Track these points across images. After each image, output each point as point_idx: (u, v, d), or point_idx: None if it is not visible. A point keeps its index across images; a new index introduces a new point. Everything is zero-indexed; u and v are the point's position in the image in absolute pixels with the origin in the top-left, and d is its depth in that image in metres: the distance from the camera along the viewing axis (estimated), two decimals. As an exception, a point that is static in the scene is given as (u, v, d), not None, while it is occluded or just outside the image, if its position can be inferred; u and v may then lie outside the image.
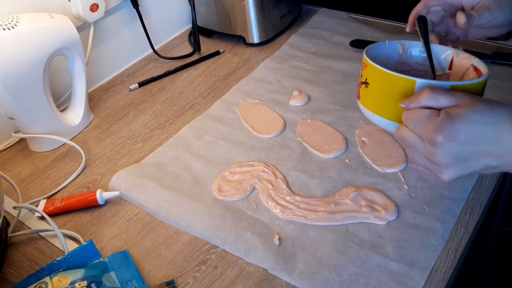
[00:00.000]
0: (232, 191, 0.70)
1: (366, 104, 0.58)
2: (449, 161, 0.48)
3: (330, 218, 0.64)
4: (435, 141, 0.48)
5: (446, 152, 0.48)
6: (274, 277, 0.59)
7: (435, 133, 0.48)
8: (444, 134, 0.47)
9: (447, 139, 0.47)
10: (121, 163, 0.79)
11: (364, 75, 0.57)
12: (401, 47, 0.64)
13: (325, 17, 1.10)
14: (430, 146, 0.49)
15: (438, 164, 0.49)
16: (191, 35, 1.11)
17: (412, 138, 0.51)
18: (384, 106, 0.55)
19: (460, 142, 0.47)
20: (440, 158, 0.48)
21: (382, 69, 0.54)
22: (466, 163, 0.48)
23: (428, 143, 0.49)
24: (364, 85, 0.57)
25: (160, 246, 0.65)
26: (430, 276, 0.57)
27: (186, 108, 0.90)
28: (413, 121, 0.50)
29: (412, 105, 0.51)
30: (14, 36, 0.72)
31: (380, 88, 0.55)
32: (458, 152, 0.48)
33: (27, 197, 0.75)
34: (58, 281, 0.57)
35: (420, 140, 0.50)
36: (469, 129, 0.47)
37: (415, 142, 0.50)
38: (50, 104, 0.81)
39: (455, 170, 0.49)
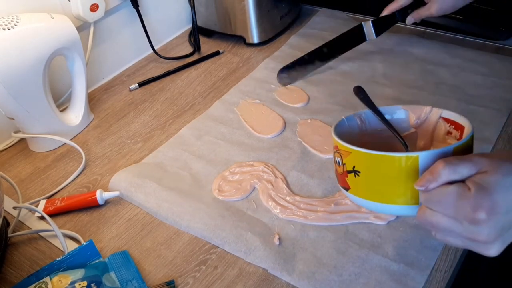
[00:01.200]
0: (232, 191, 0.70)
1: (362, 194, 0.51)
2: (496, 235, 0.44)
3: (330, 218, 0.64)
4: (477, 219, 0.43)
5: (491, 228, 0.43)
6: (274, 277, 0.59)
7: (476, 211, 0.43)
8: (485, 210, 0.43)
9: (490, 215, 0.43)
10: (121, 163, 0.79)
11: (348, 163, 0.50)
12: (358, 119, 0.61)
13: (325, 17, 1.10)
14: (472, 226, 0.43)
15: (484, 241, 0.44)
16: (191, 35, 1.11)
17: (444, 222, 0.45)
18: (389, 191, 0.49)
19: (503, 213, 0.43)
20: (486, 235, 0.43)
21: (374, 152, 0.48)
22: (510, 230, 0.44)
23: (468, 223, 0.43)
24: (352, 174, 0.50)
25: (160, 246, 0.65)
26: (430, 276, 0.57)
27: (186, 108, 0.90)
28: (441, 203, 0.45)
29: (432, 185, 0.45)
30: (14, 36, 0.72)
31: (378, 174, 0.48)
32: (502, 223, 0.43)
33: (27, 197, 0.75)
34: (58, 281, 0.57)
35: (455, 221, 0.44)
36: (506, 195, 0.43)
37: (450, 225, 0.45)
38: (50, 104, 0.81)
39: (502, 242, 0.44)
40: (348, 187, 0.52)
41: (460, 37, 0.97)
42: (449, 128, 0.56)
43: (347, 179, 0.51)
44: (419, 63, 0.91)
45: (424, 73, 0.89)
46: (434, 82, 0.86)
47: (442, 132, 0.57)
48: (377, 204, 0.50)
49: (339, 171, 0.53)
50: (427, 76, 0.88)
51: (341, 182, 0.53)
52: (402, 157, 0.47)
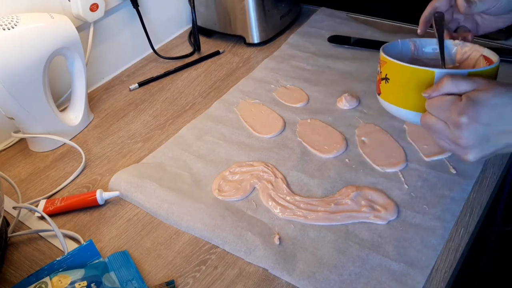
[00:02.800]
0: (232, 191, 0.70)
1: (388, 98, 0.61)
2: (474, 142, 0.51)
3: (330, 218, 0.64)
4: (459, 123, 0.51)
5: (470, 134, 0.51)
6: (274, 277, 0.59)
7: (459, 116, 0.51)
8: (468, 116, 0.50)
9: (471, 121, 0.50)
10: (121, 163, 0.79)
11: (383, 71, 0.60)
12: (412, 45, 0.68)
13: (324, 16, 1.10)
14: (455, 129, 0.51)
15: (463, 145, 0.52)
16: (191, 35, 1.11)
17: (438, 124, 0.53)
18: (406, 98, 0.58)
19: (483, 123, 0.50)
20: (465, 139, 0.51)
21: (401, 63, 0.57)
22: (488, 142, 0.51)
23: (453, 126, 0.51)
24: (384, 81, 0.60)
25: (160, 246, 0.65)
26: (430, 276, 0.57)
27: (186, 108, 0.90)
28: (437, 108, 0.53)
29: (434, 93, 0.54)
30: (14, 36, 0.72)
31: (401, 82, 0.58)
32: (481, 132, 0.50)
33: (27, 197, 0.75)
34: (58, 281, 0.57)
35: (445, 125, 0.53)
36: (490, 110, 0.50)
37: (441, 128, 0.53)
38: (50, 104, 0.81)
39: (479, 150, 0.52)
40: (380, 92, 0.62)
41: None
42: (485, 64, 0.62)
43: (381, 85, 0.61)
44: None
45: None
46: (434, 82, 0.86)
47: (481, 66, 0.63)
48: (397, 108, 0.60)
49: (377, 79, 0.63)
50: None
51: (377, 88, 0.63)
52: (422, 70, 0.56)
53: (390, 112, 0.62)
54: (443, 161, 0.70)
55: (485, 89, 0.51)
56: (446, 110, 0.52)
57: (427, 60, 0.68)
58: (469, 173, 0.68)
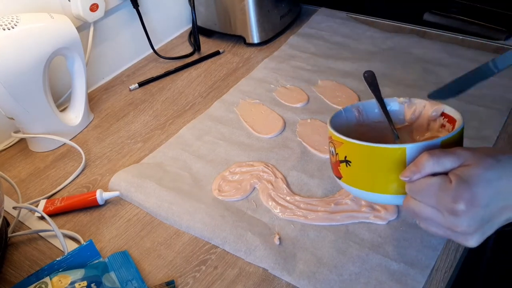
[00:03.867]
0: (232, 191, 0.70)
1: (354, 184, 0.52)
2: (475, 227, 0.45)
3: (330, 218, 0.64)
4: (456, 210, 0.44)
5: (470, 220, 0.45)
6: (274, 277, 0.59)
7: (455, 203, 0.44)
8: (465, 202, 0.44)
9: (469, 206, 0.44)
10: (121, 163, 0.79)
11: (340, 152, 0.52)
12: (356, 111, 0.61)
13: (324, 16, 1.10)
14: (451, 216, 0.45)
15: (463, 233, 0.45)
16: (191, 35, 1.11)
17: (427, 212, 0.47)
18: (377, 181, 0.50)
19: (482, 205, 0.44)
20: (465, 227, 0.45)
21: (363, 143, 0.49)
22: (489, 223, 0.45)
23: (448, 213, 0.45)
24: (344, 164, 0.52)
25: (160, 246, 0.65)
26: (430, 276, 0.57)
27: (186, 108, 0.90)
28: (422, 193, 0.46)
29: (415, 176, 0.47)
30: (14, 36, 0.72)
31: (367, 164, 0.50)
32: (482, 216, 0.45)
33: (27, 197, 0.75)
34: (58, 281, 0.57)
35: (437, 211, 0.46)
36: (486, 189, 0.44)
37: (432, 215, 0.46)
38: (50, 104, 0.81)
39: (481, 233, 0.46)
40: (340, 176, 0.54)
41: (460, 37, 0.97)
42: (443, 122, 0.57)
43: (340, 168, 0.53)
44: (419, 63, 0.91)
45: (424, 73, 0.89)
46: (434, 82, 0.86)
47: (437, 125, 0.58)
48: (368, 193, 0.52)
49: (332, 161, 0.54)
50: (427, 76, 0.88)
51: (335, 171, 0.55)
52: (390, 149, 0.48)
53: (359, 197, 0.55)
54: (443, 161, 0.70)
55: (473, 164, 0.45)
56: (435, 196, 0.45)
57: (374, 124, 0.61)
58: (469, 173, 0.68)
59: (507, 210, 0.45)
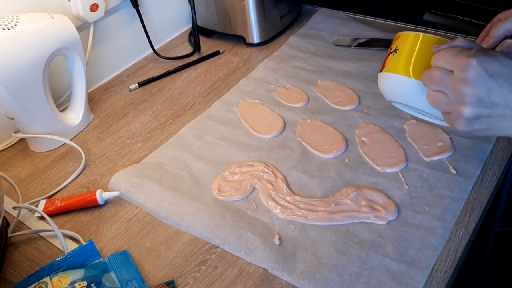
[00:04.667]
0: (232, 191, 0.70)
1: (391, 69, 0.57)
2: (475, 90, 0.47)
3: (330, 218, 0.64)
4: (468, 64, 0.47)
5: (475, 79, 0.47)
6: (274, 277, 0.59)
7: (469, 58, 0.47)
8: (478, 59, 0.46)
9: (479, 65, 0.46)
10: (121, 163, 0.79)
11: (394, 46, 0.58)
12: None
13: (324, 17, 1.10)
14: (460, 72, 0.47)
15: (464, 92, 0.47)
16: (191, 35, 1.11)
17: (440, 72, 0.49)
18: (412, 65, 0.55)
19: (489, 74, 0.46)
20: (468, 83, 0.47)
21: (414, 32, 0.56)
22: (488, 98, 0.47)
23: (459, 69, 0.47)
24: (392, 53, 0.58)
25: (160, 246, 0.65)
26: (430, 276, 0.57)
27: (186, 108, 0.90)
28: (444, 57, 0.49)
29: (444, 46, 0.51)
30: (14, 36, 0.72)
31: (410, 49, 0.56)
32: (485, 82, 0.47)
33: (27, 197, 0.75)
34: (58, 281, 0.57)
35: (449, 72, 0.49)
36: (500, 65, 0.47)
37: (444, 75, 0.49)
38: (50, 104, 0.81)
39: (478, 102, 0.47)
40: (383, 67, 0.59)
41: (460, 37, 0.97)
42: None
43: (387, 60, 0.59)
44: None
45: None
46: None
47: None
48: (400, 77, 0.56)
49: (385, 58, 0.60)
50: None
51: (382, 66, 0.60)
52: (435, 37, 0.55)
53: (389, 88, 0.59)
54: (443, 161, 0.70)
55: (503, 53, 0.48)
56: (454, 57, 0.48)
57: None
58: (469, 173, 0.68)
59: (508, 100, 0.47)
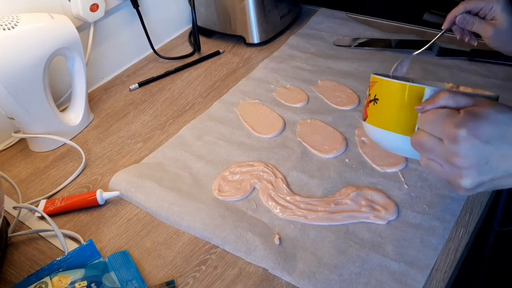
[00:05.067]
0: (232, 191, 0.70)
1: (375, 122, 0.55)
2: (471, 162, 0.45)
3: (330, 218, 0.64)
4: (457, 136, 0.44)
5: (468, 150, 0.44)
6: (274, 277, 0.59)
7: (457, 128, 0.44)
8: (467, 129, 0.44)
9: (470, 135, 0.44)
10: (121, 163, 0.79)
11: (372, 93, 0.55)
12: None
13: (324, 17, 1.10)
14: (451, 144, 0.45)
15: (459, 165, 0.45)
16: (191, 35, 1.11)
17: (430, 141, 0.47)
18: (396, 119, 0.52)
19: (483, 140, 0.44)
20: (462, 157, 0.45)
21: (393, 80, 0.52)
22: (486, 165, 0.45)
23: (449, 141, 0.45)
24: (372, 102, 0.55)
25: (160, 246, 0.65)
26: (430, 276, 0.57)
27: (186, 108, 0.90)
28: (430, 122, 0.47)
29: (428, 106, 0.48)
30: (14, 36, 0.72)
31: (391, 101, 0.52)
32: (480, 151, 0.44)
33: (27, 197, 0.75)
34: (58, 281, 0.57)
35: (439, 141, 0.46)
36: (492, 127, 0.44)
37: (434, 144, 0.47)
38: (50, 104, 0.81)
39: (476, 172, 0.45)
40: (366, 116, 0.56)
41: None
42: None
43: (368, 108, 0.56)
44: (419, 63, 0.91)
45: (424, 73, 0.89)
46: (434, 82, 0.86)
47: None
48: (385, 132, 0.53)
49: (365, 104, 0.57)
50: (427, 76, 0.88)
51: (363, 114, 0.57)
52: (416, 87, 0.51)
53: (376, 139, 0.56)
54: (443, 161, 0.70)
55: (487, 105, 0.45)
56: (441, 124, 0.46)
57: None
58: (469, 173, 0.68)
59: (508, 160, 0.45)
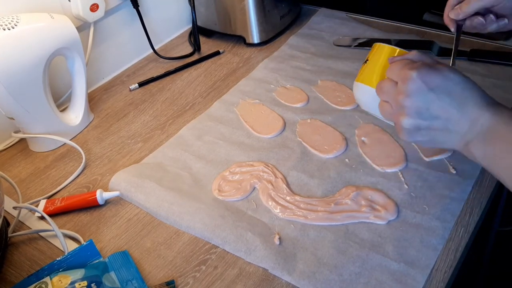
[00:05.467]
0: (232, 191, 0.70)
1: (360, 78, 0.61)
2: (413, 102, 0.50)
3: (330, 218, 0.64)
4: (407, 77, 0.50)
5: (414, 91, 0.49)
6: (274, 277, 0.59)
7: (410, 70, 0.50)
8: (418, 72, 0.49)
9: (418, 79, 0.49)
10: (121, 163, 0.79)
11: (367, 57, 0.61)
12: None
13: (324, 17, 1.10)
14: (401, 85, 0.50)
15: (403, 103, 0.50)
16: (191, 35, 1.11)
17: (388, 83, 0.53)
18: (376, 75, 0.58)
19: (429, 87, 0.49)
20: (407, 96, 0.50)
21: (383, 44, 0.59)
22: (428, 111, 0.50)
23: (401, 81, 0.50)
24: (364, 63, 0.61)
25: (160, 246, 0.65)
26: (430, 276, 0.57)
27: (186, 108, 0.90)
28: (393, 69, 0.53)
29: (397, 58, 0.54)
30: (14, 36, 0.72)
31: (377, 60, 0.59)
32: (424, 95, 0.49)
33: (27, 197, 0.75)
34: (58, 281, 0.57)
35: (394, 84, 0.52)
36: (441, 80, 0.49)
37: (389, 86, 0.53)
38: (50, 104, 0.81)
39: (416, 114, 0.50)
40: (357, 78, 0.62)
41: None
42: None
43: (360, 70, 0.62)
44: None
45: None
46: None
47: None
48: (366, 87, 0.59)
49: None
50: None
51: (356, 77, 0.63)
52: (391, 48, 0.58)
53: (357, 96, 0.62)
54: (443, 161, 0.70)
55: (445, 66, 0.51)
56: (400, 69, 0.51)
57: None
58: (469, 173, 0.68)
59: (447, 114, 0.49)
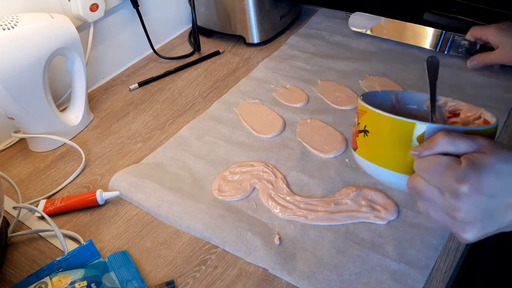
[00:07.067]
0: (232, 191, 0.70)
1: (366, 155, 0.51)
2: (475, 217, 0.42)
3: (330, 218, 0.64)
4: (458, 193, 0.41)
5: (471, 206, 0.41)
6: (274, 277, 0.59)
7: (459, 184, 0.41)
8: (469, 185, 0.41)
9: (472, 191, 0.41)
10: (121, 163, 0.79)
11: (361, 122, 0.51)
12: (394, 97, 0.60)
13: (324, 17, 1.10)
14: (452, 199, 0.42)
15: (461, 220, 0.42)
16: (191, 35, 1.11)
17: (429, 190, 0.44)
18: (389, 155, 0.49)
19: (487, 195, 0.41)
20: (465, 213, 0.42)
21: (386, 114, 0.48)
22: (492, 219, 0.42)
23: (450, 195, 0.42)
24: (362, 133, 0.51)
25: (160, 246, 0.65)
26: (430, 276, 0.57)
27: (186, 108, 0.90)
28: (429, 170, 0.43)
29: (426, 152, 0.44)
30: (14, 36, 0.72)
31: (384, 136, 0.49)
32: (484, 206, 0.42)
33: (27, 197, 0.75)
34: (58, 281, 0.57)
35: (438, 192, 0.43)
36: (496, 179, 0.41)
37: (433, 195, 0.43)
38: (50, 104, 0.81)
39: (480, 227, 0.42)
40: (356, 147, 0.52)
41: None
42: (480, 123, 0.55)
43: (358, 138, 0.52)
44: (419, 63, 0.91)
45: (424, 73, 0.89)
46: (434, 82, 0.86)
47: None
48: (378, 168, 0.50)
49: (353, 131, 0.53)
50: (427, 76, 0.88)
51: (353, 143, 0.54)
52: (410, 123, 0.46)
53: (369, 172, 0.52)
54: (443, 161, 0.70)
55: (489, 152, 0.42)
56: (441, 174, 0.42)
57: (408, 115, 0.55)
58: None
59: None
